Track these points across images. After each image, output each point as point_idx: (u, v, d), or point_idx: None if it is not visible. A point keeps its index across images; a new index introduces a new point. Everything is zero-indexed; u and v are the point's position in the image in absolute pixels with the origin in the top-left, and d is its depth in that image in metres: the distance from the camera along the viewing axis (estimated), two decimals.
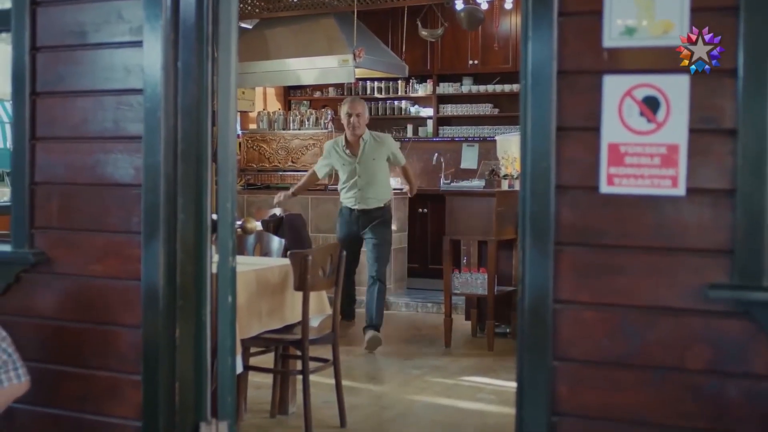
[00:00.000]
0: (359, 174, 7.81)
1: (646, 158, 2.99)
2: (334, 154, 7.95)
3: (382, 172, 7.91)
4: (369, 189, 7.83)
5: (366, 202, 7.84)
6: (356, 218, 7.88)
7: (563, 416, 3.10)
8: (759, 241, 2.87)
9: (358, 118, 7.75)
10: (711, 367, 2.94)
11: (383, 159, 7.87)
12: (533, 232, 3.14)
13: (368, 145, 7.81)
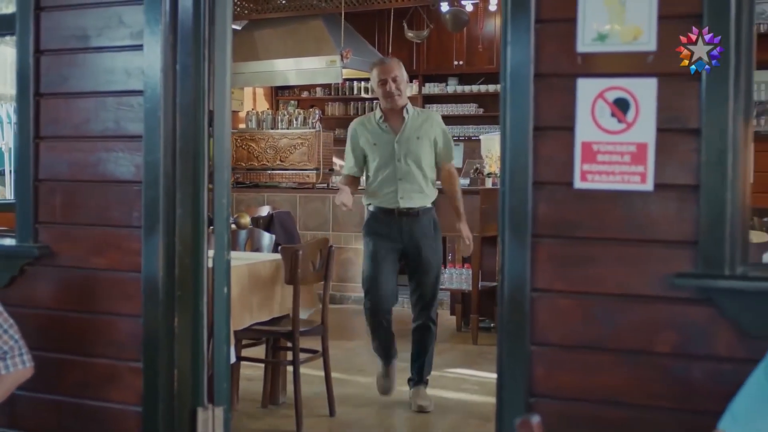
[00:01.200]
0: (400, 157, 5.67)
1: (617, 156, 3.20)
2: (363, 136, 5.82)
3: (428, 157, 5.79)
4: (415, 179, 5.69)
5: (411, 198, 5.69)
6: (398, 224, 5.67)
7: (540, 397, 3.31)
8: (721, 232, 3.09)
9: (395, 84, 5.68)
10: (677, 351, 3.15)
11: (429, 141, 5.78)
12: (512, 225, 3.35)
13: (412, 119, 5.76)
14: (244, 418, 5.53)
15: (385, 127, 5.76)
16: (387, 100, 5.73)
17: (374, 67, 5.84)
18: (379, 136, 5.77)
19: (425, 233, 5.75)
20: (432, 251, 5.78)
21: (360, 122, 5.97)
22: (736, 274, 3.10)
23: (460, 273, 7.98)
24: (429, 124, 5.79)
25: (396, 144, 5.70)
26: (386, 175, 5.72)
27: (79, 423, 4.08)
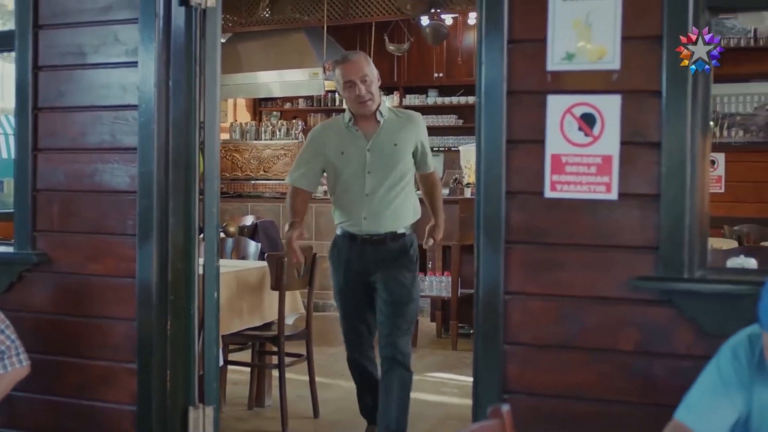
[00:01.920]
0: (371, 168, 4.68)
1: (584, 167, 3.43)
2: (330, 142, 4.79)
3: (408, 168, 4.78)
4: (386, 197, 4.70)
5: (378, 221, 4.70)
6: (362, 253, 4.75)
7: (513, 394, 3.53)
8: (680, 238, 3.32)
9: (365, 85, 4.65)
10: (640, 349, 3.38)
11: (409, 148, 4.77)
12: (487, 232, 3.57)
13: (388, 123, 4.75)
14: (231, 420, 5.72)
15: (355, 131, 4.73)
16: (357, 106, 4.67)
17: (337, 67, 4.75)
18: (348, 143, 4.73)
19: (393, 264, 4.73)
20: (400, 286, 4.71)
21: (327, 126, 5.00)
22: (694, 277, 3.34)
23: (440, 280, 8.19)
24: (410, 128, 4.80)
25: (368, 152, 4.68)
26: (353, 191, 4.71)
27: (76, 422, 4.26)
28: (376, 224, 4.71)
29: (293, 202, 4.91)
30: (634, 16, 3.36)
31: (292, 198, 4.93)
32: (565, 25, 3.43)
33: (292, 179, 4.93)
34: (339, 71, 4.74)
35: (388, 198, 4.71)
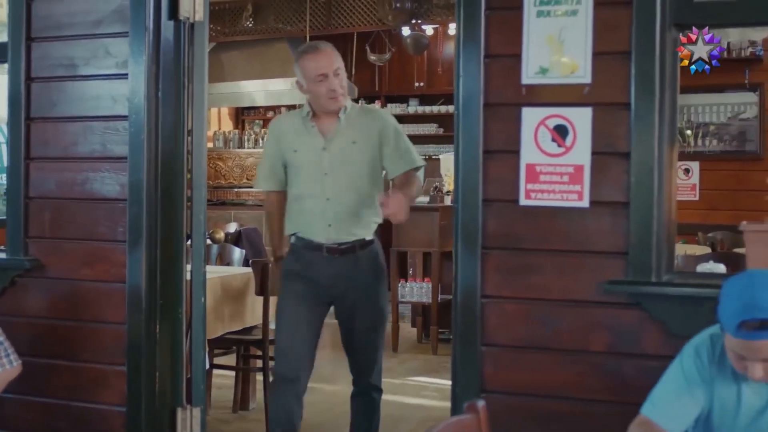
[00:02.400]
0: (329, 170, 4.19)
1: (557, 176, 3.59)
2: (286, 137, 4.33)
3: (370, 169, 4.28)
4: (350, 201, 4.21)
5: (345, 228, 4.21)
6: (326, 265, 4.21)
7: (490, 393, 3.67)
8: (648, 244, 3.48)
9: (338, 79, 4.20)
10: (611, 350, 3.54)
11: (371, 146, 4.27)
12: (464, 238, 3.72)
13: (348, 120, 4.26)
14: (217, 423, 5.85)
15: (311, 127, 4.23)
16: (328, 102, 4.18)
17: (304, 57, 4.22)
18: (302, 140, 4.25)
19: (364, 279, 4.27)
20: (373, 302, 4.29)
21: (284, 118, 4.64)
22: (662, 281, 3.50)
23: (420, 287, 8.33)
24: (372, 123, 4.30)
25: (323, 151, 4.20)
26: (311, 195, 4.21)
27: (67, 423, 4.38)
28: (342, 232, 4.20)
29: (272, 219, 4.48)
30: (604, 32, 3.53)
31: (270, 210, 4.50)
32: (538, 40, 3.59)
33: (259, 182, 4.49)
34: (308, 63, 4.19)
35: (352, 202, 4.20)
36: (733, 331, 2.56)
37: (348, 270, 4.23)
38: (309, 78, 4.20)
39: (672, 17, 3.49)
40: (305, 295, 4.23)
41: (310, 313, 4.24)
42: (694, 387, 2.77)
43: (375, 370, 4.42)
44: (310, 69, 4.18)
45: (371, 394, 4.48)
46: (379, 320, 4.34)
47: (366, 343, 4.34)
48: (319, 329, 4.32)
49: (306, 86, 4.25)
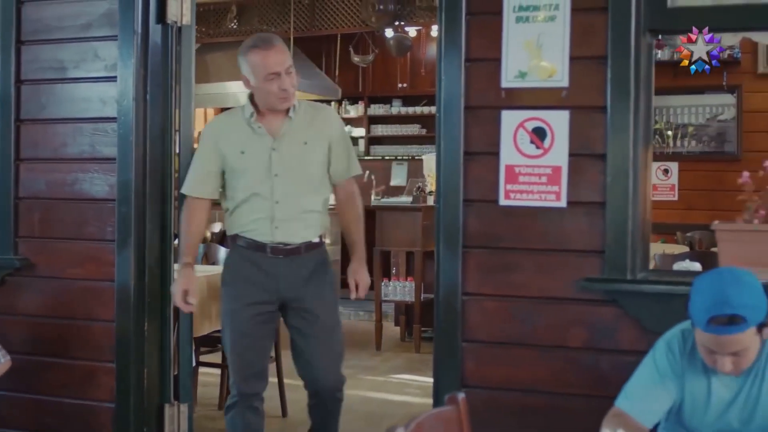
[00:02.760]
0: (278, 171, 3.96)
1: (536, 177, 3.70)
2: (226, 139, 4.02)
3: (320, 170, 4.07)
4: (298, 202, 4.00)
5: (291, 229, 3.99)
6: (272, 266, 3.97)
7: (470, 388, 3.77)
8: (624, 243, 3.60)
9: (290, 78, 3.92)
10: (588, 345, 3.65)
11: (321, 146, 4.06)
12: (446, 237, 3.83)
13: (297, 118, 4.02)
14: (203, 420, 5.92)
15: (258, 128, 3.98)
16: (278, 101, 3.93)
17: (255, 52, 3.93)
18: (249, 141, 3.99)
19: (312, 278, 4.01)
20: (325, 307, 4.04)
21: (223, 120, 4.23)
22: (637, 278, 3.62)
23: (403, 286, 8.42)
24: (322, 123, 4.10)
25: (273, 152, 3.96)
26: (259, 197, 3.97)
27: (57, 420, 4.47)
28: (289, 233, 3.97)
29: (189, 224, 4.07)
30: (581, 38, 3.64)
31: (189, 215, 4.08)
32: (517, 45, 3.71)
33: (189, 188, 4.09)
34: (259, 59, 3.91)
35: (301, 204, 4.00)
36: (703, 326, 2.67)
37: (293, 272, 3.97)
38: (259, 75, 3.91)
39: (647, 23, 3.61)
40: (255, 301, 3.96)
41: (263, 324, 4.01)
42: (665, 380, 2.88)
43: (333, 380, 4.09)
44: (262, 66, 3.89)
45: (334, 401, 4.14)
46: (333, 326, 4.07)
47: (321, 350, 4.02)
48: (273, 335, 4.18)
49: (254, 83, 3.96)
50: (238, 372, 4.00)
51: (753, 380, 2.79)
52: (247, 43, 4.00)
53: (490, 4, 3.76)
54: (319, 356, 4.02)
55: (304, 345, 4.02)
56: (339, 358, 4.13)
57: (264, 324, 4.01)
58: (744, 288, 2.69)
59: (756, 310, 2.65)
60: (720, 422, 2.84)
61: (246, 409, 4.03)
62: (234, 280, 4.02)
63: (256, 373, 4.04)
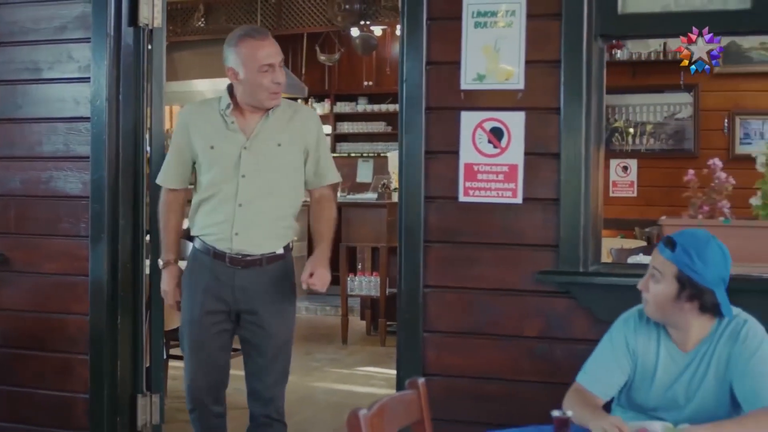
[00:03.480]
0: (246, 172, 3.75)
1: (493, 175, 3.88)
2: (198, 129, 3.84)
3: (293, 175, 3.87)
4: (263, 208, 3.79)
5: (252, 238, 3.78)
6: (229, 277, 3.78)
7: (431, 376, 3.92)
8: (576, 237, 3.79)
9: (282, 70, 3.77)
10: (542, 334, 3.84)
11: (298, 149, 3.86)
12: (408, 232, 4.00)
13: (274, 117, 3.80)
14: (173, 411, 6.03)
15: (231, 123, 3.77)
16: (268, 97, 3.74)
17: (248, 41, 3.71)
18: (220, 136, 3.78)
19: (271, 295, 3.81)
20: (280, 324, 3.84)
21: (197, 109, 4.00)
22: (589, 271, 3.81)
23: (369, 280, 8.58)
24: (299, 126, 3.88)
25: (244, 150, 3.75)
26: (222, 197, 3.77)
27: (33, 411, 4.59)
28: (249, 242, 3.77)
29: (168, 219, 3.96)
30: (536, 42, 3.82)
31: (167, 210, 3.96)
32: (476, 49, 3.88)
33: (163, 178, 3.97)
34: (254, 49, 3.70)
35: (266, 210, 3.79)
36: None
37: (252, 284, 3.78)
38: (252, 66, 3.68)
39: (598, 29, 3.80)
40: (211, 310, 3.80)
41: (220, 335, 3.85)
42: (620, 355, 3.07)
43: (278, 400, 3.92)
44: (256, 56, 3.68)
45: (272, 428, 3.92)
46: (284, 343, 3.87)
47: (270, 367, 3.84)
48: (230, 345, 3.95)
49: (244, 75, 3.72)
50: (195, 380, 3.87)
51: (701, 360, 2.95)
52: (237, 33, 3.78)
53: (450, 9, 3.92)
54: (263, 378, 3.85)
55: (252, 357, 3.85)
56: (285, 378, 3.94)
57: (220, 335, 3.83)
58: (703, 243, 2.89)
59: (689, 259, 2.85)
60: (664, 397, 3.00)
61: (206, 412, 3.91)
62: (192, 287, 3.85)
63: (212, 383, 3.89)
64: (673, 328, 2.99)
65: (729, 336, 2.93)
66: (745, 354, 2.88)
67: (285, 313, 3.87)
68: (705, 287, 2.86)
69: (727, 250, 2.93)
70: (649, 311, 2.99)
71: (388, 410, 2.70)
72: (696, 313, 2.91)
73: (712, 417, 2.86)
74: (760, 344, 2.89)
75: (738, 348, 2.89)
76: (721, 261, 2.90)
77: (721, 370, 2.92)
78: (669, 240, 2.91)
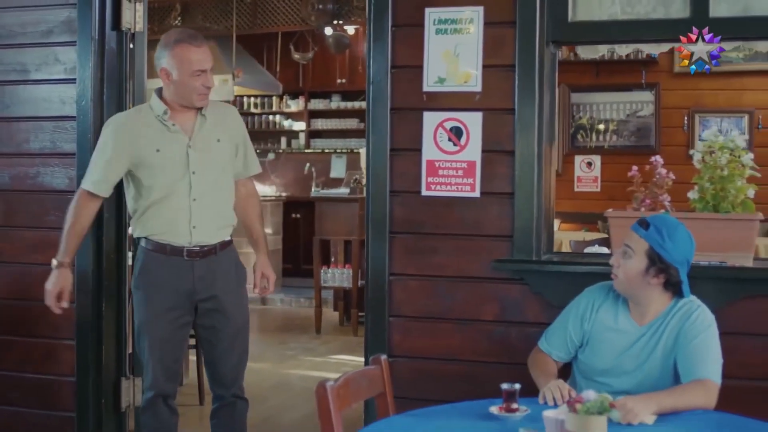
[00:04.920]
0: (195, 169, 3.99)
1: (453, 171, 4.17)
2: (139, 137, 3.97)
3: (228, 169, 4.13)
4: (215, 201, 4.06)
5: (208, 230, 4.03)
6: (188, 269, 3.99)
7: (397, 357, 4.23)
8: (530, 229, 4.08)
9: (212, 75, 4.01)
10: (498, 318, 4.12)
11: (231, 144, 4.14)
12: (374, 224, 4.28)
13: (208, 116, 4.05)
14: None
15: (172, 125, 3.97)
16: (197, 98, 3.95)
17: (184, 46, 3.93)
18: (164, 139, 3.97)
19: (227, 280, 4.06)
20: (237, 306, 4.09)
21: (132, 118, 4.12)
22: (541, 260, 4.10)
23: (341, 272, 8.87)
24: (230, 121, 4.17)
25: (189, 149, 3.97)
26: (176, 196, 3.96)
27: (20, 393, 4.84)
28: (207, 233, 4.00)
29: (76, 223, 4.03)
30: (492, 48, 4.11)
31: (80, 213, 4.04)
32: (437, 54, 4.17)
33: (93, 185, 4.02)
34: (189, 54, 3.91)
35: (216, 202, 4.05)
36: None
37: (209, 272, 4.00)
38: (186, 70, 3.91)
39: (549, 35, 4.10)
40: (171, 306, 3.97)
41: (181, 329, 4.03)
42: (577, 321, 3.37)
43: (240, 379, 4.15)
44: (191, 61, 3.90)
45: (236, 406, 4.15)
46: (243, 324, 4.12)
47: (231, 348, 4.06)
48: (187, 338, 4.21)
49: (177, 77, 3.93)
50: (159, 375, 3.99)
51: (653, 334, 3.23)
52: (172, 36, 4.00)
53: (413, 17, 4.21)
54: (226, 360, 4.05)
55: (212, 347, 4.06)
56: (244, 357, 4.14)
57: (182, 328, 4.02)
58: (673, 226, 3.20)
59: (661, 238, 3.15)
60: (614, 364, 3.27)
61: (164, 407, 4.03)
62: (148, 287, 3.99)
63: (175, 374, 4.11)
64: (635, 303, 3.28)
65: (681, 316, 3.22)
66: (691, 333, 3.16)
67: (240, 296, 4.13)
68: (671, 264, 3.16)
69: (692, 237, 3.24)
70: (618, 284, 3.27)
71: (352, 383, 2.97)
72: (660, 289, 3.21)
73: (655, 387, 3.12)
74: (707, 329, 3.19)
75: (687, 327, 3.18)
76: (689, 243, 3.23)
77: (669, 345, 3.20)
78: (643, 221, 3.22)
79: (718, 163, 3.88)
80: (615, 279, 3.29)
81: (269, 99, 13.16)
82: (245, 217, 4.25)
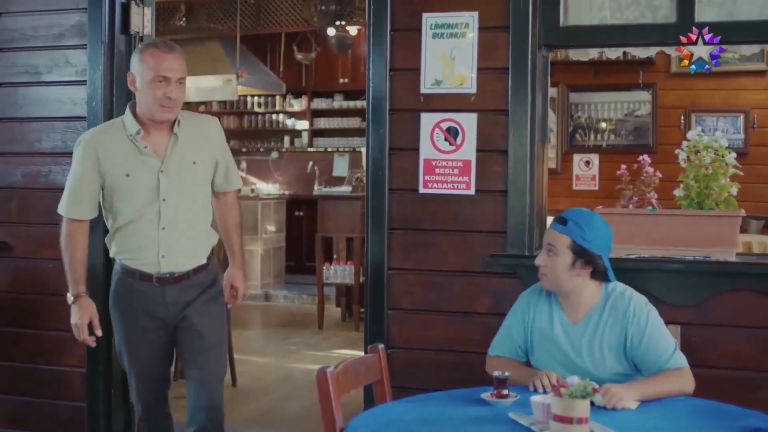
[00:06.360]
0: (165, 195, 3.78)
1: (449, 169, 4.33)
2: (109, 157, 3.78)
3: (208, 188, 3.97)
4: (186, 228, 3.84)
5: (178, 258, 3.84)
6: (159, 295, 3.83)
7: (395, 348, 4.40)
8: (522, 225, 4.25)
9: (179, 89, 3.75)
10: (492, 311, 4.27)
11: (209, 164, 3.94)
12: (374, 221, 4.45)
13: (183, 135, 3.82)
14: None
15: (144, 147, 3.75)
16: (158, 109, 3.70)
17: (151, 50, 3.74)
18: (135, 163, 3.75)
19: (199, 297, 3.87)
20: (209, 321, 3.88)
21: (103, 135, 3.87)
22: (533, 255, 4.22)
23: (343, 269, 9.02)
24: (208, 139, 3.92)
25: (161, 174, 3.75)
26: (143, 222, 3.78)
27: (33, 385, 5.00)
28: (176, 263, 3.82)
29: (74, 251, 3.87)
30: (487, 52, 4.28)
31: (71, 242, 3.87)
32: (434, 58, 4.33)
33: (68, 209, 3.87)
34: (154, 60, 3.70)
35: (189, 228, 3.84)
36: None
37: (182, 296, 3.84)
38: (148, 75, 3.69)
39: (541, 39, 4.26)
40: (145, 327, 3.87)
41: (160, 349, 3.92)
42: (518, 325, 3.49)
43: (217, 405, 3.88)
44: (153, 67, 3.69)
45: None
46: (215, 341, 3.90)
47: (210, 367, 3.87)
48: (172, 354, 4.02)
49: (140, 84, 3.74)
50: (143, 393, 3.95)
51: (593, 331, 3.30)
52: (146, 42, 3.94)
53: (410, 22, 4.37)
54: (199, 386, 3.84)
55: (186, 358, 3.90)
56: (221, 386, 3.95)
57: (162, 348, 3.91)
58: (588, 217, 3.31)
59: (581, 230, 3.26)
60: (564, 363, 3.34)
61: (158, 415, 4.01)
62: (122, 308, 3.91)
63: (160, 387, 4.00)
64: (565, 298, 3.37)
65: (616, 312, 3.29)
66: (639, 332, 3.25)
67: (214, 313, 3.92)
68: (595, 253, 3.27)
69: (607, 223, 3.35)
70: (547, 283, 3.38)
71: (351, 369, 3.14)
72: (588, 279, 3.31)
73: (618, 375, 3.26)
74: (648, 317, 3.27)
75: (632, 328, 3.26)
76: (607, 231, 3.35)
77: (614, 338, 3.27)
78: (560, 217, 3.33)
79: (703, 162, 4.04)
80: (543, 278, 3.39)
81: (273, 98, 13.31)
82: (223, 227, 4.11)
